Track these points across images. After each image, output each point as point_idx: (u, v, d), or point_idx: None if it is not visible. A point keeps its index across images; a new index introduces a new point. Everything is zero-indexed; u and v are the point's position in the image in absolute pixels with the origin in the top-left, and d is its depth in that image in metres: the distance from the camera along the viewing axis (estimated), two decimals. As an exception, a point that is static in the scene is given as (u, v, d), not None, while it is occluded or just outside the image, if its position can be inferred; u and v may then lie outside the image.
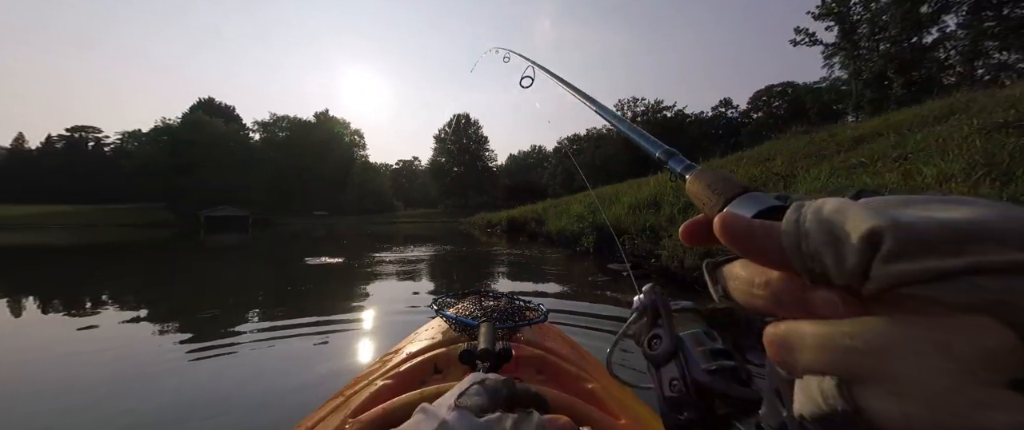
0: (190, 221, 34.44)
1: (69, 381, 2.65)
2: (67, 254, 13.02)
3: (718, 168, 0.22)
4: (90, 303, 5.62)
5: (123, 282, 7.45)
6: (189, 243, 16.72)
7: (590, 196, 8.91)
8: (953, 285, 0.10)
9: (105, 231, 25.80)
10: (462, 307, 1.04)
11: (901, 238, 0.11)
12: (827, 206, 0.13)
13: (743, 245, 0.15)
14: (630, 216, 5.76)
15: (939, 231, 0.11)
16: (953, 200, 0.12)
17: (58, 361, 3.19)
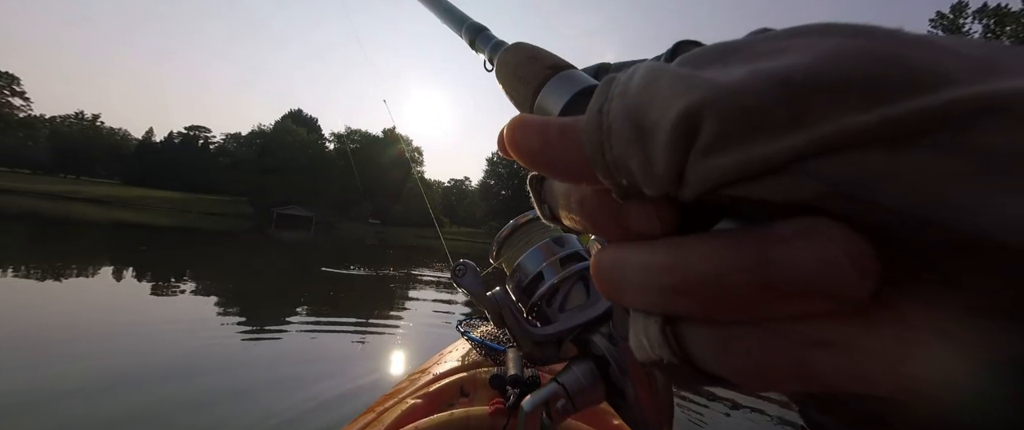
0: (265, 216, 38.30)
1: (135, 344, 3.01)
2: (162, 231, 15.15)
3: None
4: (168, 276, 6.39)
5: (197, 262, 8.37)
6: (260, 236, 18.67)
7: None
8: (783, 177, 0.07)
9: (196, 217, 29.58)
10: (487, 330, 1.03)
11: (724, 115, 0.07)
12: (635, 80, 0.09)
13: (537, 162, 0.11)
14: None
15: (769, 93, 0.07)
16: (782, 42, 0.08)
17: (131, 324, 3.55)
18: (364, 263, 10.13)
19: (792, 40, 0.08)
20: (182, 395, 2.23)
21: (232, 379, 2.48)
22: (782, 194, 0.07)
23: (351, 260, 10.47)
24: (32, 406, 2.01)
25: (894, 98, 0.06)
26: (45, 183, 41.54)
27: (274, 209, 39.11)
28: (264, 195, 42.22)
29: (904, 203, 0.06)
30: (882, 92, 0.07)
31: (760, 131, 0.07)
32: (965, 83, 0.06)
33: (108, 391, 2.19)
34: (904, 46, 0.07)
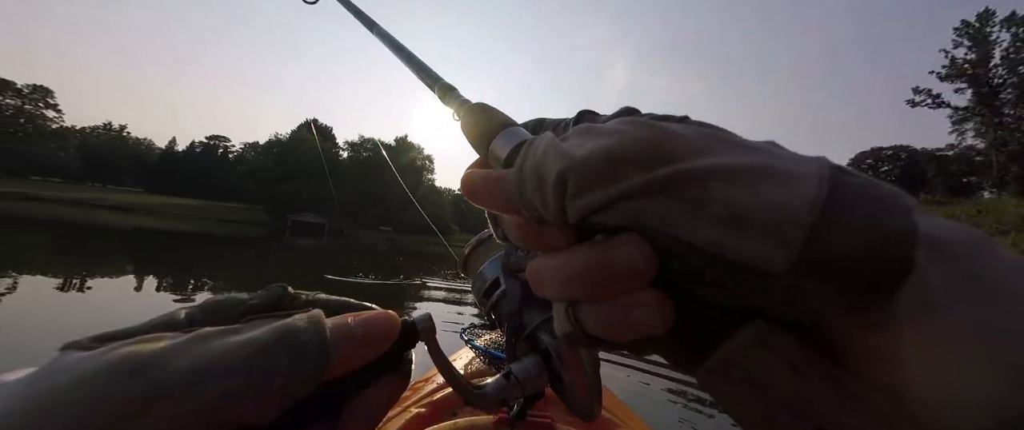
0: (281, 223, 39.10)
1: None
2: (179, 237, 15.48)
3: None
4: (183, 280, 6.49)
5: (214, 266, 8.54)
6: (274, 242, 19.01)
7: None
8: (610, 211, 0.13)
9: (213, 224, 30.37)
10: (491, 338, 1.01)
11: (576, 178, 0.14)
12: (540, 149, 0.15)
13: (483, 201, 0.18)
14: None
15: (597, 164, 0.13)
16: (608, 129, 0.15)
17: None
18: (373, 270, 10.17)
19: (617, 127, 0.14)
20: None
21: None
22: (612, 221, 0.13)
23: (361, 267, 10.52)
24: None
25: (652, 168, 0.13)
26: (74, 191, 43.37)
27: (289, 216, 39.90)
28: (279, 202, 43.17)
29: (660, 225, 0.13)
30: (647, 164, 0.13)
31: (594, 187, 0.13)
32: (686, 160, 0.13)
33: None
34: (664, 135, 0.14)
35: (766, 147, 0.14)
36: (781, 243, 0.11)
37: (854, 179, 0.12)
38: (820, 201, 0.11)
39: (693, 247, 0.12)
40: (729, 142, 0.14)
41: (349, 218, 48.02)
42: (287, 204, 42.55)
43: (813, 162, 0.13)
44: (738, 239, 0.11)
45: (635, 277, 0.13)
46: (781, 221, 0.11)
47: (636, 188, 0.13)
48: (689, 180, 0.12)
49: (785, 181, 0.12)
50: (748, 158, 0.13)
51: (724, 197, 0.12)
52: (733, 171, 0.12)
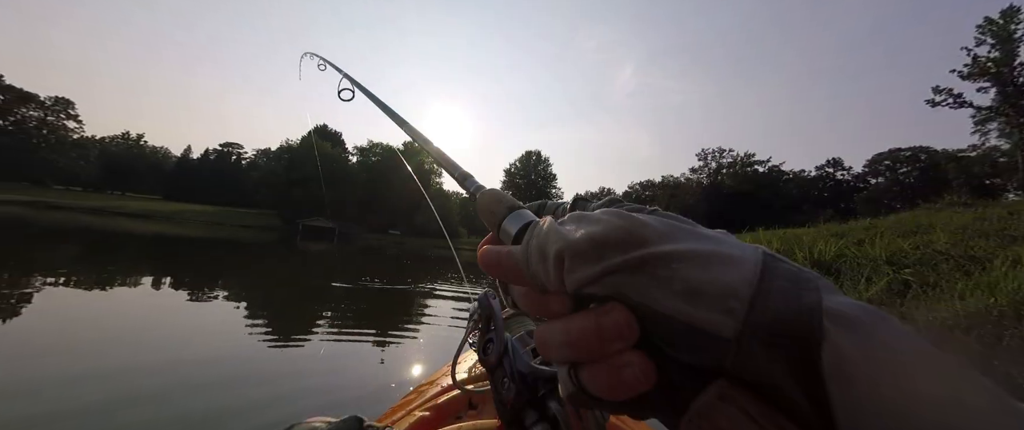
0: (292, 228, 39.80)
1: (170, 343, 3.41)
2: (196, 244, 15.92)
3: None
4: (202, 284, 6.76)
5: (228, 270, 8.78)
6: (286, 247, 19.39)
7: None
8: (599, 284, 0.17)
9: (229, 229, 30.97)
10: None
11: (571, 255, 0.17)
12: (543, 229, 0.19)
13: (497, 273, 0.21)
14: None
15: (587, 246, 0.17)
16: (594, 217, 0.18)
17: (167, 327, 3.95)
18: (380, 275, 10.30)
19: (601, 216, 0.18)
20: (190, 404, 2.37)
21: (241, 391, 2.62)
22: (601, 292, 0.17)
23: (369, 271, 10.68)
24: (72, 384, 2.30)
25: (628, 250, 0.16)
26: (95, 199, 44.81)
27: (300, 221, 40.58)
28: (291, 207, 43.94)
29: (637, 296, 0.16)
30: (625, 247, 0.17)
31: (585, 263, 0.17)
32: (654, 244, 0.16)
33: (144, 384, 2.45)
34: (637, 224, 0.17)
35: (717, 235, 0.18)
36: (727, 312, 0.14)
37: (782, 264, 0.16)
38: (755, 280, 0.15)
39: (664, 315, 0.15)
40: (686, 230, 0.18)
41: (359, 222, 48.60)
42: (298, 209, 43.28)
43: (752, 249, 0.16)
44: (696, 308, 0.15)
45: (621, 339, 0.16)
46: (726, 294, 0.15)
47: (617, 266, 0.16)
48: (657, 260, 0.16)
49: (729, 263, 0.15)
50: (702, 245, 0.16)
51: (684, 275, 0.15)
52: (690, 254, 0.16)
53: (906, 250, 4.07)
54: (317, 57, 1.00)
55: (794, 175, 44.67)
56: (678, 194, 44.04)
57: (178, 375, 2.70)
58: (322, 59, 0.96)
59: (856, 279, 3.99)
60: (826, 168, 45.08)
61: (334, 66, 0.86)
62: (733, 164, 44.73)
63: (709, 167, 45.98)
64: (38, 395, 2.27)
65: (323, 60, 0.96)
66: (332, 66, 0.88)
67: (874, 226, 6.61)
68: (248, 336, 3.97)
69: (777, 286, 0.15)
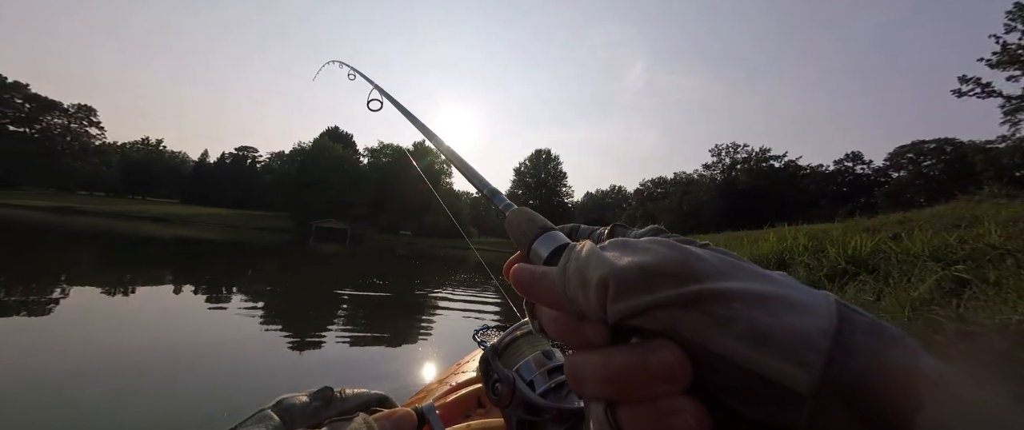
0: (305, 229, 40.43)
1: (189, 342, 3.51)
2: (213, 246, 16.27)
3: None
4: (217, 285, 6.85)
5: (243, 272, 8.89)
6: (299, 248, 19.68)
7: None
8: (646, 316, 0.15)
9: (243, 232, 31.63)
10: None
11: (617, 283, 0.16)
12: (583, 253, 0.18)
13: (529, 293, 0.20)
14: None
15: (636, 275, 0.16)
16: (643, 245, 0.17)
17: (187, 327, 4.07)
18: (391, 277, 10.29)
19: (651, 244, 0.17)
20: (199, 398, 2.47)
21: (248, 388, 2.67)
22: (648, 325, 0.15)
23: (379, 274, 10.70)
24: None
25: (682, 284, 0.15)
26: (117, 204, 46.21)
27: (312, 222, 41.18)
28: (303, 209, 44.60)
29: (691, 335, 0.14)
30: (678, 280, 0.15)
31: (633, 293, 0.15)
32: (711, 280, 0.15)
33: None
34: (692, 256, 0.16)
35: (779, 277, 0.16)
36: (802, 364, 0.13)
37: (859, 316, 0.14)
38: (832, 330, 0.13)
39: (724, 358, 0.14)
40: (745, 268, 0.16)
41: (371, 223, 49.11)
42: (311, 210, 43.91)
43: (821, 296, 0.15)
44: (764, 355, 0.13)
45: (673, 381, 0.14)
46: (800, 345, 0.13)
47: (669, 300, 0.15)
48: (715, 298, 0.14)
49: (799, 309, 0.14)
50: (765, 286, 0.15)
51: (748, 317, 0.14)
52: (753, 295, 0.14)
53: (952, 245, 3.81)
54: (346, 66, 0.97)
55: (811, 170, 43.45)
56: (691, 191, 43.18)
57: (181, 379, 2.75)
58: (351, 68, 0.93)
59: (900, 277, 3.73)
60: (845, 162, 43.75)
61: (363, 76, 0.84)
62: (748, 159, 43.68)
63: (723, 163, 45.06)
64: (61, 386, 2.39)
65: (352, 69, 0.93)
66: (362, 76, 0.86)
67: (908, 220, 6.28)
68: (254, 336, 3.99)
69: (859, 340, 0.13)
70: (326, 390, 0.37)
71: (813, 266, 3.91)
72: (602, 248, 0.18)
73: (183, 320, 4.38)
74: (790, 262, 4.42)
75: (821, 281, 3.66)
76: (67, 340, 3.29)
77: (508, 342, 0.41)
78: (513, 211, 0.27)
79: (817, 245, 5.12)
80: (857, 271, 3.85)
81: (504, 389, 0.35)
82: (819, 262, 3.93)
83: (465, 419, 0.68)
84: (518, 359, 0.39)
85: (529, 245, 0.23)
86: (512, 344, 0.41)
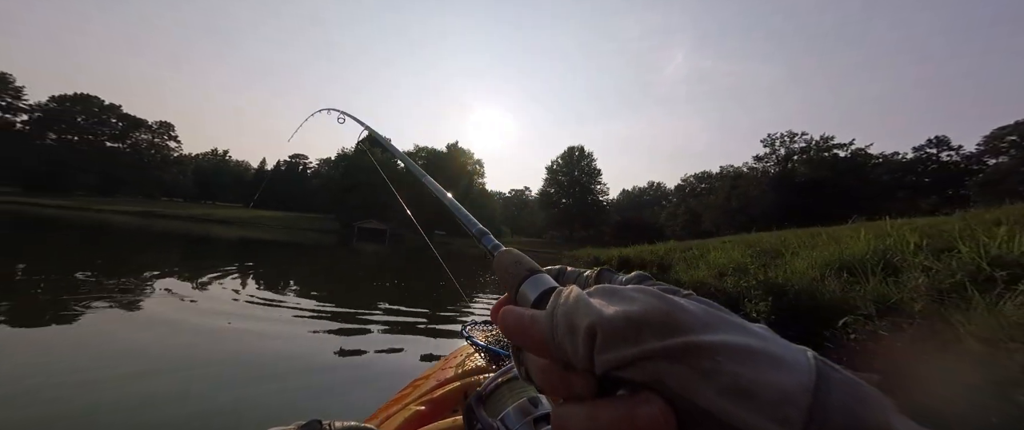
0: (348, 229, 42.83)
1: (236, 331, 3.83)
2: (269, 245, 17.67)
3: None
4: (273, 280, 7.40)
5: (293, 269, 9.82)
6: (344, 248, 20.90)
7: (755, 241, 6.95)
8: (634, 369, 0.15)
9: (295, 232, 34.46)
10: (493, 334, 1.01)
11: (605, 333, 0.16)
12: (571, 298, 0.18)
13: (519, 338, 0.19)
14: (822, 280, 3.62)
15: (624, 324, 0.15)
16: (629, 294, 0.17)
17: (240, 318, 4.33)
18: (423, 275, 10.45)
19: (636, 294, 0.17)
20: (209, 392, 2.56)
21: (246, 386, 2.73)
22: (636, 377, 0.15)
23: (413, 271, 10.97)
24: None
25: (667, 336, 0.15)
26: (191, 208, 51.89)
27: (355, 223, 43.48)
28: (347, 211, 47.24)
29: (677, 388, 0.14)
30: (663, 332, 0.15)
31: (621, 343, 0.15)
32: (695, 332, 0.15)
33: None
34: (676, 307, 0.16)
35: (760, 331, 0.16)
36: (782, 421, 0.13)
37: (836, 373, 0.14)
38: (812, 387, 0.13)
39: (707, 413, 0.14)
40: (728, 321, 0.16)
41: (408, 224, 50.98)
42: (354, 212, 46.36)
43: (800, 351, 0.15)
44: (746, 411, 0.13)
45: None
46: (781, 401, 0.13)
47: (655, 351, 0.15)
48: (700, 351, 0.14)
49: (781, 365, 0.14)
50: (748, 340, 0.15)
51: (732, 371, 0.14)
52: (737, 349, 0.14)
53: None
54: (335, 111, 0.99)
55: (885, 159, 38.61)
56: (740, 185, 40.03)
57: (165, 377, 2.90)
58: (341, 112, 0.97)
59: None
60: (927, 149, 38.42)
61: (354, 118, 0.88)
62: (806, 149, 39.70)
63: (777, 154, 41.39)
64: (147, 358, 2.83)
65: (342, 113, 0.96)
66: (351, 118, 0.90)
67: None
68: (258, 333, 4.15)
69: (837, 398, 0.13)
70: (314, 423, 0.38)
71: (937, 271, 2.93)
72: (589, 294, 0.18)
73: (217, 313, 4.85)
74: (901, 265, 3.42)
75: (965, 287, 2.58)
76: (140, 324, 3.89)
77: (494, 388, 0.41)
78: (501, 252, 0.26)
79: (937, 244, 3.85)
80: (1013, 276, 2.55)
81: None
82: (946, 265, 2.94)
83: (452, 414, 0.66)
84: (503, 406, 0.38)
85: (517, 287, 0.22)
86: (497, 389, 0.41)
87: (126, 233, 16.49)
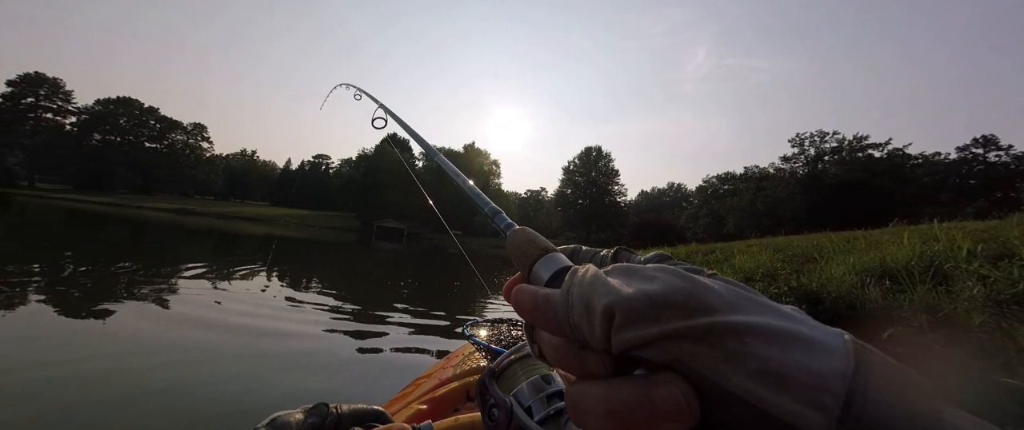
0: (367, 228, 43.84)
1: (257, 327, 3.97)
2: (292, 242, 18.31)
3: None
4: (296, 278, 7.67)
5: (313, 264, 10.22)
6: (362, 246, 21.41)
7: (779, 243, 6.58)
8: (653, 349, 0.14)
9: (315, 230, 35.43)
10: (493, 333, 1.01)
11: (624, 312, 0.15)
12: (587, 277, 0.17)
13: (531, 317, 0.19)
14: (866, 287, 3.27)
15: (644, 304, 0.15)
16: (649, 273, 0.16)
17: (260, 313, 4.55)
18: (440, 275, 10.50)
19: (657, 273, 0.16)
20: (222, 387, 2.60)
21: (250, 380, 2.78)
22: (655, 358, 0.14)
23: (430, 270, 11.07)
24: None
25: (691, 316, 0.14)
26: (221, 206, 54.39)
27: (374, 222, 44.45)
28: (367, 209, 48.36)
29: (700, 369, 0.13)
30: (687, 311, 0.14)
31: (640, 323, 0.15)
32: (722, 313, 0.14)
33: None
34: (702, 287, 0.15)
35: (791, 313, 0.15)
36: (817, 407, 0.12)
37: (877, 357, 0.13)
38: (850, 372, 0.12)
39: (734, 396, 0.13)
40: (757, 302, 0.15)
41: (426, 223, 51.63)
42: (372, 210, 47.42)
43: (836, 334, 0.14)
44: (777, 396, 0.12)
45: (679, 419, 0.13)
46: (816, 385, 0.12)
47: (678, 332, 0.14)
48: (727, 332, 0.14)
49: (815, 348, 0.13)
50: (778, 321, 0.14)
51: (761, 354, 0.13)
52: (767, 331, 0.13)
53: None
54: (352, 87, 1.01)
55: (925, 159, 36.29)
56: (766, 187, 38.45)
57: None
58: (358, 89, 0.99)
59: None
60: (972, 148, 35.89)
61: (369, 95, 0.88)
62: (838, 149, 37.75)
63: (806, 154, 39.57)
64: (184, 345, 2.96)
65: (359, 90, 0.98)
66: (367, 95, 0.90)
67: None
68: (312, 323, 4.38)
69: (877, 384, 0.12)
70: (321, 406, 0.38)
71: (996, 280, 2.63)
72: (607, 273, 0.17)
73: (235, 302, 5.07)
74: (952, 273, 3.08)
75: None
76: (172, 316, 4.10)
77: (506, 365, 0.41)
78: (515, 231, 0.26)
79: (992, 249, 3.50)
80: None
81: (500, 415, 0.35)
82: (1006, 273, 2.63)
83: (454, 413, 0.67)
84: (516, 383, 0.38)
85: (530, 267, 0.22)
86: (510, 367, 0.40)
87: (165, 228, 17.53)
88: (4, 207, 20.07)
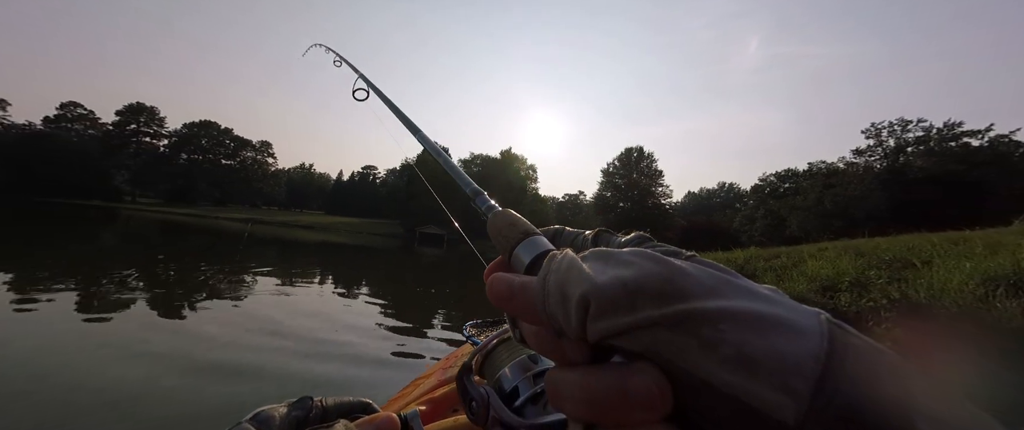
0: (411, 234, 45.75)
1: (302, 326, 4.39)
2: (344, 248, 19.64)
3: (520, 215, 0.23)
4: (349, 281, 8.19)
5: (361, 270, 11.16)
6: (406, 252, 22.37)
7: (856, 247, 5.77)
8: (629, 338, 0.14)
9: (365, 236, 37.95)
10: (494, 332, 0.90)
11: (598, 301, 0.15)
12: (563, 266, 0.17)
13: (507, 306, 0.18)
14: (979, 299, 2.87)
15: (619, 292, 0.14)
16: (625, 258, 0.16)
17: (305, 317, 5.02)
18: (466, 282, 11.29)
19: (633, 258, 0.16)
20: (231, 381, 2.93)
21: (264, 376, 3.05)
22: (631, 347, 0.14)
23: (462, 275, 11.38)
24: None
25: (666, 303, 0.14)
26: (283, 215, 59.92)
27: (417, 229, 46.26)
28: (410, 217, 50.45)
29: (674, 358, 0.13)
30: (662, 299, 0.14)
31: (614, 312, 0.14)
32: (698, 299, 0.14)
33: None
34: (677, 272, 0.15)
35: (769, 294, 0.15)
36: (787, 391, 0.12)
37: (854, 339, 0.13)
38: (822, 354, 0.12)
39: (707, 384, 0.13)
40: (734, 285, 0.15)
41: (465, 227, 52.93)
42: (415, 217, 49.43)
43: (812, 314, 0.14)
44: (749, 382, 0.12)
45: (651, 409, 0.13)
46: (787, 369, 0.12)
47: (653, 319, 0.14)
48: (701, 319, 0.13)
49: (790, 330, 0.13)
50: (755, 305, 0.14)
51: (735, 339, 0.13)
52: (742, 315, 0.13)
53: None
54: (331, 51, 0.89)
55: (1037, 146, 30.41)
56: (836, 183, 34.32)
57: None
58: (337, 55, 0.86)
59: None
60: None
61: (349, 64, 0.80)
62: (925, 138, 32.83)
63: (885, 146, 34.90)
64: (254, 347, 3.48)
65: (338, 56, 0.86)
66: (347, 63, 0.81)
67: None
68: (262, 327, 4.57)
69: (850, 366, 0.12)
70: (306, 400, 0.37)
71: None
72: (583, 258, 0.17)
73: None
74: None
75: None
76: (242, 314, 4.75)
77: (490, 349, 0.41)
78: (496, 213, 0.25)
79: None
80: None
81: (479, 408, 0.35)
82: None
83: (453, 413, 0.64)
84: (502, 365, 0.38)
85: (511, 251, 0.22)
86: (495, 350, 0.41)
87: (237, 237, 19.88)
88: (114, 219, 23.61)
